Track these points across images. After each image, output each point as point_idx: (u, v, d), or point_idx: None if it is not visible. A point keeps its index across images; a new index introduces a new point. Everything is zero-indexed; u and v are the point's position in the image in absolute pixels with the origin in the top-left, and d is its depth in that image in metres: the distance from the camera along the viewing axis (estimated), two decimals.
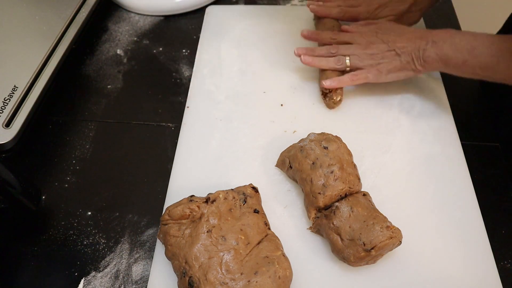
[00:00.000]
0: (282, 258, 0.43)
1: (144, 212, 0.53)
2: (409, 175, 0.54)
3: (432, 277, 0.46)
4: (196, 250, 0.42)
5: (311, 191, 0.47)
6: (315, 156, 0.48)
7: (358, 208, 0.45)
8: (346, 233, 0.44)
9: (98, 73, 0.68)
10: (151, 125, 0.62)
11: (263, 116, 0.60)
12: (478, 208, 0.51)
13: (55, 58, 0.61)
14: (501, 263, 0.48)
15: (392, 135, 0.58)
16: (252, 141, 0.58)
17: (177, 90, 0.66)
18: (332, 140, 0.50)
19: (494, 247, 0.48)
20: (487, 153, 0.58)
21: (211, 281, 0.40)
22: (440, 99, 0.61)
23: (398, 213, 0.49)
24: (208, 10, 0.76)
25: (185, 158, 0.56)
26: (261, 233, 0.45)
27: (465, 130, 0.59)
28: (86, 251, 0.50)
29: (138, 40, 0.73)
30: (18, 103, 0.55)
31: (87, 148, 0.59)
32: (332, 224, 0.45)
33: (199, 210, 0.45)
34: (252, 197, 0.48)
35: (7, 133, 0.53)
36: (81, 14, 0.68)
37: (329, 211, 0.47)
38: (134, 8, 0.77)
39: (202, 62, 0.68)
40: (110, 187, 0.55)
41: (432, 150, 0.56)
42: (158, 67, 0.69)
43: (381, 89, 0.62)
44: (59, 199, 0.54)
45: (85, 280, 0.48)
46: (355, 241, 0.43)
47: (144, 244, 0.50)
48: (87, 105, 0.64)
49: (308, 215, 0.49)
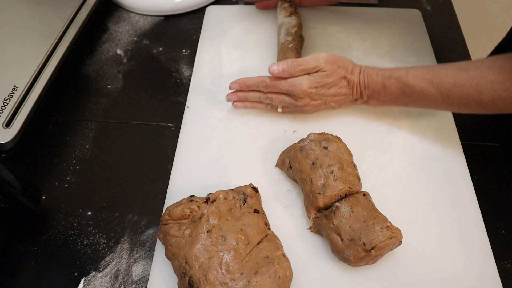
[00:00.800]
0: (282, 258, 0.43)
1: (144, 212, 0.53)
2: (409, 175, 0.54)
3: (432, 277, 0.46)
4: (196, 250, 0.42)
5: (311, 191, 0.47)
6: (315, 156, 0.48)
7: (358, 208, 0.45)
8: (346, 233, 0.44)
9: (98, 73, 0.68)
10: (151, 125, 0.62)
11: (263, 116, 0.60)
12: (478, 208, 0.51)
13: (55, 58, 0.61)
14: (501, 263, 0.48)
15: (392, 135, 0.58)
16: (252, 141, 0.58)
17: (177, 90, 0.66)
18: (332, 140, 0.50)
19: (494, 247, 0.48)
20: (487, 153, 0.58)
21: (211, 281, 0.40)
22: None
23: (398, 213, 0.49)
24: (208, 10, 0.76)
25: (185, 158, 0.56)
26: (261, 233, 0.45)
27: (465, 130, 0.59)
28: (86, 251, 0.50)
29: (138, 40, 0.73)
30: (18, 103, 0.55)
31: (87, 148, 0.59)
32: (332, 224, 0.45)
33: (199, 210, 0.45)
34: (252, 197, 0.48)
35: (7, 133, 0.52)
36: (81, 14, 0.68)
37: (329, 211, 0.47)
38: (134, 8, 0.77)
39: (202, 62, 0.68)
40: (110, 187, 0.55)
41: (432, 150, 0.56)
42: (158, 67, 0.69)
43: None
44: (59, 199, 0.54)
45: (85, 280, 0.48)
46: (355, 241, 0.43)
47: (144, 244, 0.50)
48: (87, 105, 0.64)
49: (308, 215, 0.49)
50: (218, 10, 0.76)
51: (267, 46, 0.69)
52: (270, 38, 0.70)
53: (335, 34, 0.70)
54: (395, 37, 0.70)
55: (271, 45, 0.69)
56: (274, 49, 0.68)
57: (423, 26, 0.71)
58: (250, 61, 0.67)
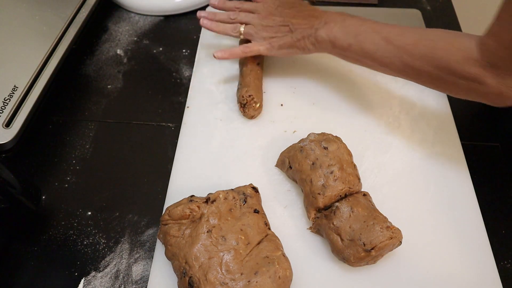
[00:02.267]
0: (282, 258, 0.43)
1: (144, 212, 0.53)
2: (409, 175, 0.54)
3: (432, 277, 0.46)
4: (196, 250, 0.42)
5: (311, 191, 0.47)
6: (315, 156, 0.48)
7: (358, 208, 0.45)
8: (346, 233, 0.44)
9: (98, 73, 0.68)
10: (151, 125, 0.62)
11: (263, 116, 0.60)
12: (478, 208, 0.51)
13: (55, 58, 0.61)
14: (501, 263, 0.48)
15: (392, 135, 0.58)
16: (252, 141, 0.58)
17: (177, 90, 0.66)
18: (332, 141, 0.50)
19: (494, 247, 0.48)
20: (487, 153, 0.58)
21: (211, 281, 0.40)
22: (440, 99, 0.61)
23: (398, 213, 0.49)
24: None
25: (185, 158, 0.56)
26: (261, 233, 0.45)
27: (465, 130, 0.59)
28: (86, 251, 0.50)
29: (138, 40, 0.73)
30: (18, 103, 0.55)
31: (87, 148, 0.59)
32: (332, 224, 0.45)
33: (199, 210, 0.45)
34: (252, 197, 0.48)
35: (7, 133, 0.52)
36: (81, 14, 0.68)
37: (329, 211, 0.47)
38: (134, 8, 0.77)
39: (202, 62, 0.68)
40: (110, 187, 0.55)
41: (432, 150, 0.56)
42: (158, 67, 0.69)
43: (382, 89, 0.62)
44: (59, 199, 0.54)
45: (85, 280, 0.48)
46: (355, 242, 0.43)
47: (144, 244, 0.50)
48: (87, 105, 0.64)
49: (308, 216, 0.49)
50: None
51: None
52: None
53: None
54: None
55: None
56: None
57: (423, 26, 0.71)
58: None
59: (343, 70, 0.65)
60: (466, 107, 0.62)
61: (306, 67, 0.64)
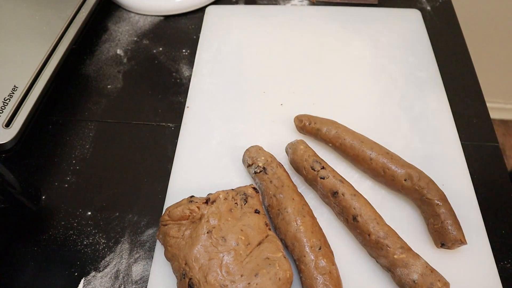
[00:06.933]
0: (282, 260, 0.43)
1: (144, 212, 0.53)
2: None
3: None
4: (196, 251, 0.42)
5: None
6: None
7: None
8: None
9: (98, 73, 0.68)
10: (151, 125, 0.62)
11: (263, 116, 0.60)
12: (478, 208, 0.51)
13: (55, 58, 0.61)
14: (501, 263, 0.48)
15: (392, 135, 0.58)
16: (252, 141, 0.58)
17: (177, 90, 0.66)
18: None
19: (494, 247, 0.48)
20: (487, 153, 0.58)
21: (211, 283, 0.40)
22: (440, 99, 0.61)
23: (398, 213, 0.49)
24: (208, 10, 0.75)
25: (185, 158, 0.56)
26: (262, 234, 0.45)
27: (465, 130, 0.59)
28: (86, 251, 0.50)
29: (138, 40, 0.73)
30: (18, 103, 0.55)
31: (87, 148, 0.59)
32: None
33: (199, 211, 0.45)
34: (253, 197, 0.47)
35: (7, 133, 0.52)
36: (81, 14, 0.68)
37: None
38: (134, 8, 0.77)
39: (202, 62, 0.68)
40: (110, 187, 0.55)
41: (432, 150, 0.56)
42: (158, 67, 0.69)
43: (381, 89, 0.62)
44: (59, 199, 0.54)
45: (85, 280, 0.48)
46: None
47: (144, 244, 0.50)
48: (87, 105, 0.64)
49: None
50: (218, 10, 0.76)
51: (267, 46, 0.69)
52: (270, 38, 0.70)
53: (334, 34, 0.70)
54: (395, 37, 0.70)
55: (271, 45, 0.69)
56: (273, 48, 0.68)
57: (423, 26, 0.71)
58: (250, 61, 0.67)
59: (343, 70, 0.65)
60: (466, 107, 0.62)
61: (305, 66, 0.64)
